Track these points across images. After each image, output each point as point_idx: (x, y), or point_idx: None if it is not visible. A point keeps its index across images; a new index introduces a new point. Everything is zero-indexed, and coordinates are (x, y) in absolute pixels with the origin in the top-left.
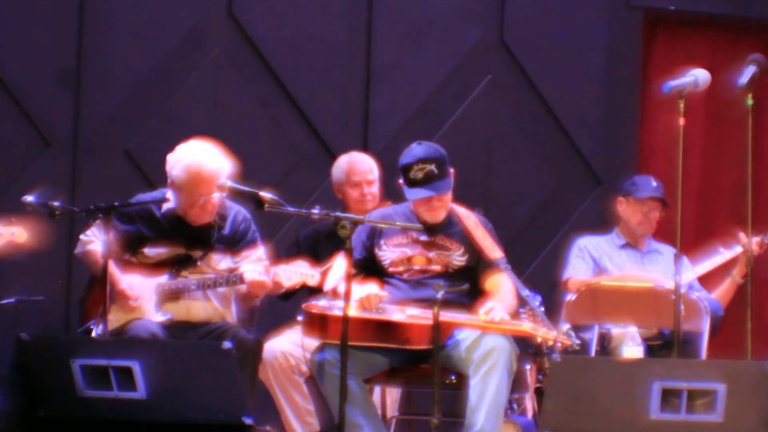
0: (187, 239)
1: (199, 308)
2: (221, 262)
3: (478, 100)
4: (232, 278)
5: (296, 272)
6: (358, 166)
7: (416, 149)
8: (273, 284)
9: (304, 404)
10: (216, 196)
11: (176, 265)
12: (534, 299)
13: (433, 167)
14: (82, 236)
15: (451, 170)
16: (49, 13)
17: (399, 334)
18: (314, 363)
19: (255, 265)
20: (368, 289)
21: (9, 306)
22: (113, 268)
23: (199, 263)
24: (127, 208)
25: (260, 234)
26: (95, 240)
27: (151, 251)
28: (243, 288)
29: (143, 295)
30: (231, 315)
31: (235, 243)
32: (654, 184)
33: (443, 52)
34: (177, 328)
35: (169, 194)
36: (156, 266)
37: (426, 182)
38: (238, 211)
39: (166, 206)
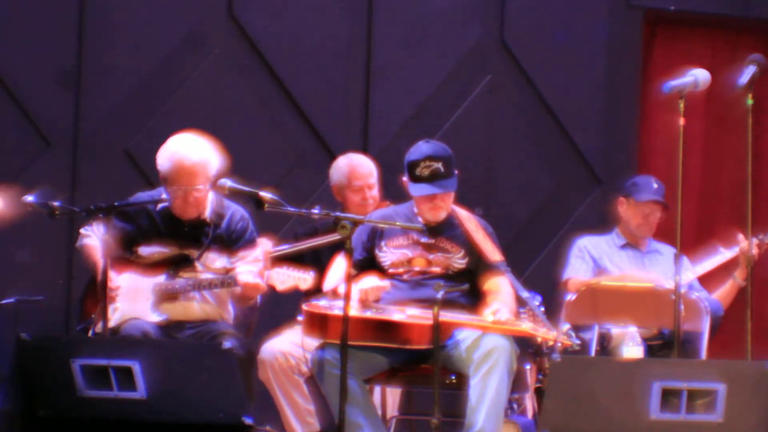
0: (181, 238)
1: (196, 308)
2: (217, 261)
3: (478, 100)
4: (227, 280)
5: (289, 276)
6: (359, 170)
7: (424, 147)
8: (267, 287)
9: (304, 404)
10: (201, 189)
11: (173, 265)
12: (534, 300)
13: (440, 165)
14: (82, 230)
15: (456, 172)
16: (49, 13)
17: (399, 334)
18: (314, 363)
19: (250, 267)
20: (368, 282)
21: (9, 306)
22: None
23: (196, 263)
24: (125, 207)
25: (258, 234)
26: (92, 235)
27: (146, 250)
28: (237, 289)
29: (139, 295)
30: (228, 314)
31: (232, 243)
32: (655, 186)
33: (443, 52)
34: (173, 328)
35: (165, 193)
36: (153, 266)
37: (432, 179)
38: (235, 211)
39: (162, 205)
